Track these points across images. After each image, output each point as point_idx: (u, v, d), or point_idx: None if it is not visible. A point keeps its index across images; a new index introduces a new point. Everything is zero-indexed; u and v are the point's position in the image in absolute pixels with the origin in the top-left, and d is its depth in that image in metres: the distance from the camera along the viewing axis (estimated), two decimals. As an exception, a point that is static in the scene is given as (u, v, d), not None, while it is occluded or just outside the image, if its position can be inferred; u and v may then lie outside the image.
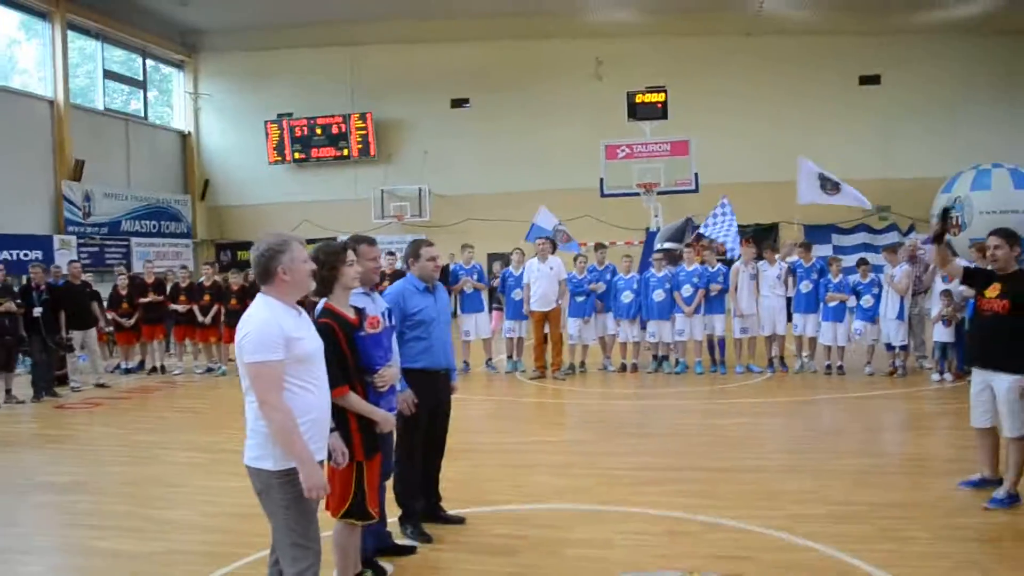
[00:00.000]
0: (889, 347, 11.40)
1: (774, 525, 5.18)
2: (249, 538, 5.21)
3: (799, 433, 8.23)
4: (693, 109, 20.34)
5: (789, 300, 11.98)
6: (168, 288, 13.73)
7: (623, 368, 12.51)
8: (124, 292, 13.46)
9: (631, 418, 9.30)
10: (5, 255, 17.31)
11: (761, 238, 18.58)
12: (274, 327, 3.26)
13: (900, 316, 11.18)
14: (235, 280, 13.50)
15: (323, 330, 3.81)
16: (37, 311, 11.09)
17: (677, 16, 22.64)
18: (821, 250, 18.95)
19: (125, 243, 22.47)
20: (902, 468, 6.73)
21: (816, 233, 21.55)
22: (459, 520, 5.46)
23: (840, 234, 22.46)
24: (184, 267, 16.41)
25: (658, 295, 12.09)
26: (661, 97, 17.10)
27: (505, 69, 24.32)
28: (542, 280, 11.92)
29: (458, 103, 25.14)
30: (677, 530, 5.23)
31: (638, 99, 17.25)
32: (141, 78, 25.05)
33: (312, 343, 3.44)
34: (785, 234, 20.85)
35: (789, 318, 12.04)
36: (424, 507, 5.42)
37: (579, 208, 21.54)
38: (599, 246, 13.32)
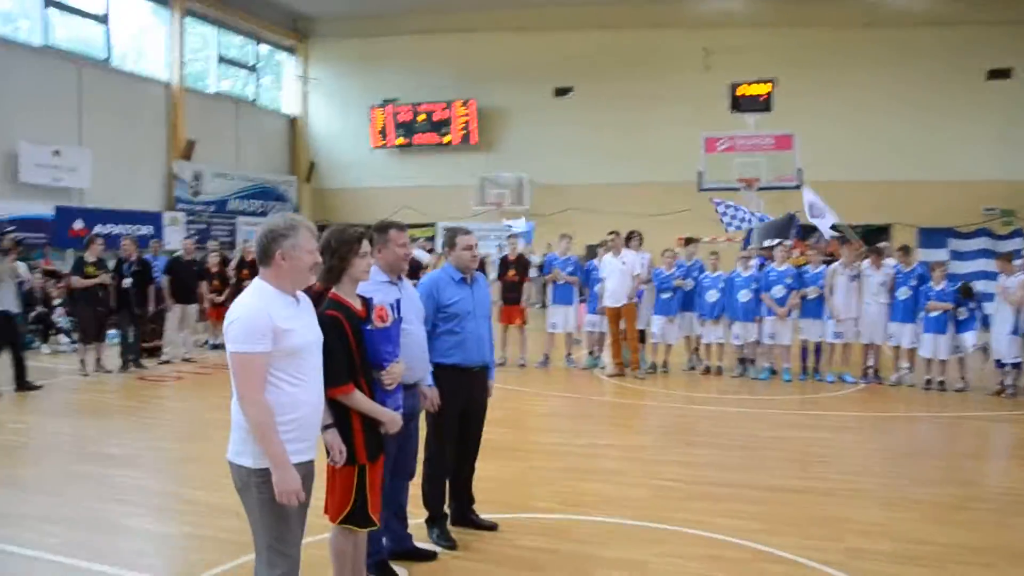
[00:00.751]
0: (999, 364, 10.50)
1: (829, 560, 4.71)
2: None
3: (880, 454, 7.59)
4: (800, 102, 19.34)
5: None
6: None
7: (707, 370, 12.00)
8: (215, 270, 13.79)
9: (701, 425, 8.83)
10: (120, 229, 18.12)
11: (872, 240, 17.59)
12: (262, 317, 3.06)
13: (1015, 331, 10.27)
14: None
15: (329, 322, 3.61)
16: (127, 283, 11.45)
17: (792, 5, 21.62)
18: (936, 255, 17.78)
19: (231, 221, 23.21)
20: (991, 503, 6.05)
21: (932, 236, 20.27)
22: (491, 526, 5.22)
23: (958, 239, 20.97)
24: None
25: (743, 295, 11.51)
26: (766, 89, 16.30)
27: (611, 58, 23.83)
28: (614, 275, 11.58)
29: (562, 92, 24.81)
30: (721, 555, 4.83)
31: (740, 91, 16.49)
32: (253, 63, 25.77)
33: (305, 335, 3.21)
34: (899, 236, 19.67)
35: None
36: (455, 510, 5.21)
37: (677, 202, 20.93)
38: (689, 241, 12.81)
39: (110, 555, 4.77)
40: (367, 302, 3.87)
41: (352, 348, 3.70)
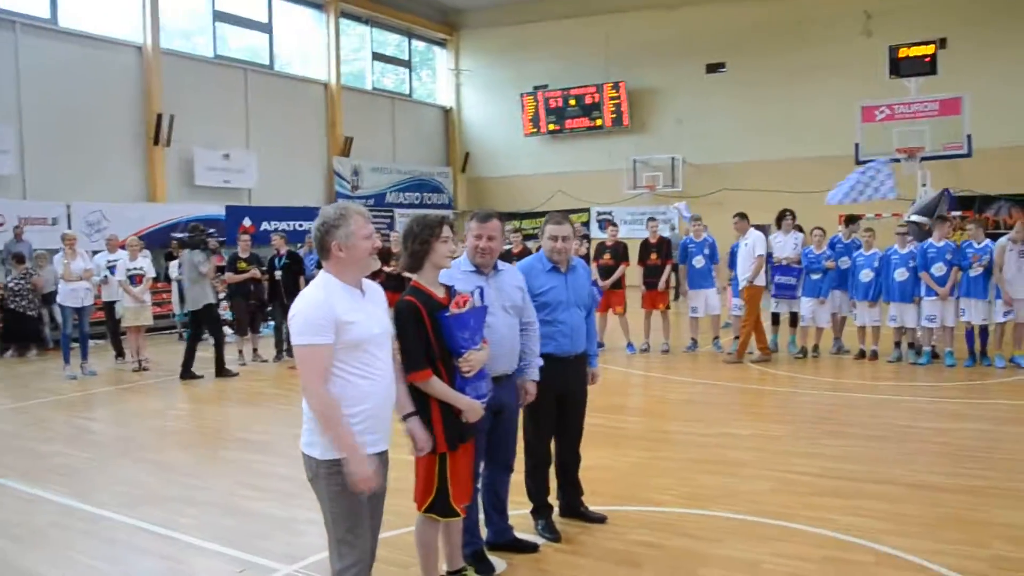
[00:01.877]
0: None
1: (966, 568, 4.30)
2: (386, 516, 5.28)
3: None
4: (968, 64, 17.77)
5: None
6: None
7: (861, 355, 11.30)
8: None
9: (846, 414, 8.29)
10: (284, 225, 19.23)
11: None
12: (324, 309, 3.08)
13: None
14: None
15: (406, 309, 3.67)
16: (277, 275, 12.11)
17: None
18: None
19: (389, 214, 24.07)
20: None
21: None
22: (600, 519, 5.13)
23: None
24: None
25: (900, 274, 10.74)
26: (930, 50, 14.99)
27: (764, 30, 22.78)
28: (739, 257, 11.37)
29: (713, 68, 24.00)
30: (842, 558, 4.52)
31: (901, 53, 15.26)
32: (407, 58, 26.56)
33: (370, 328, 3.19)
34: None
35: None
36: (562, 502, 5.16)
37: (833, 177, 19.77)
38: (850, 220, 12.11)
39: (233, 537, 5.07)
40: (450, 290, 3.87)
41: (428, 335, 3.71)
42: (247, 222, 18.87)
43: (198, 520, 5.36)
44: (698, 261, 12.05)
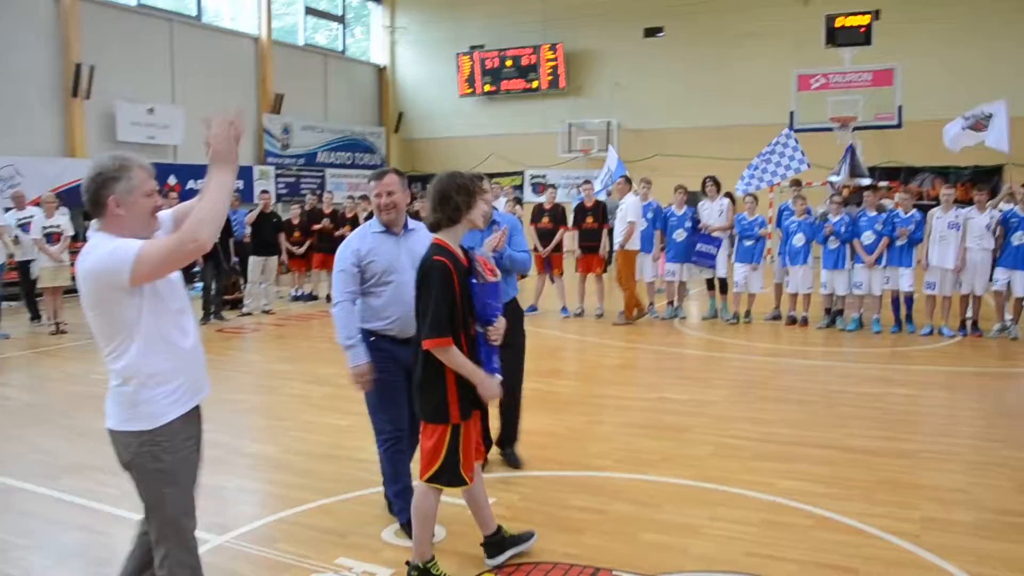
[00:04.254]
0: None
1: (898, 530, 4.38)
2: (321, 483, 5.16)
3: (973, 413, 7.07)
4: (902, 35, 18.04)
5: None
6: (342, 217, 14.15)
7: (791, 321, 11.49)
8: (296, 221, 13.96)
9: (780, 379, 8.43)
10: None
11: (981, 181, 16.49)
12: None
13: None
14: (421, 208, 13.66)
15: (440, 270, 3.46)
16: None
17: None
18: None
19: (320, 174, 23.52)
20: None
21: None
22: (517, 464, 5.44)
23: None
24: (365, 196, 16.69)
25: (832, 243, 10.91)
26: (865, 20, 15.19)
27: (702, -5, 22.79)
28: (618, 220, 11.62)
29: (651, 32, 23.92)
30: (779, 521, 4.55)
31: (838, 23, 15.43)
32: (340, 13, 25.81)
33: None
34: (1012, 177, 18.31)
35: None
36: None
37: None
38: (795, 183, 12.25)
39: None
40: (468, 253, 3.69)
41: (456, 299, 3.51)
42: (172, 180, 18.19)
43: (121, 490, 5.05)
44: (641, 224, 12.02)
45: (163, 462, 2.88)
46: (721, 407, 7.16)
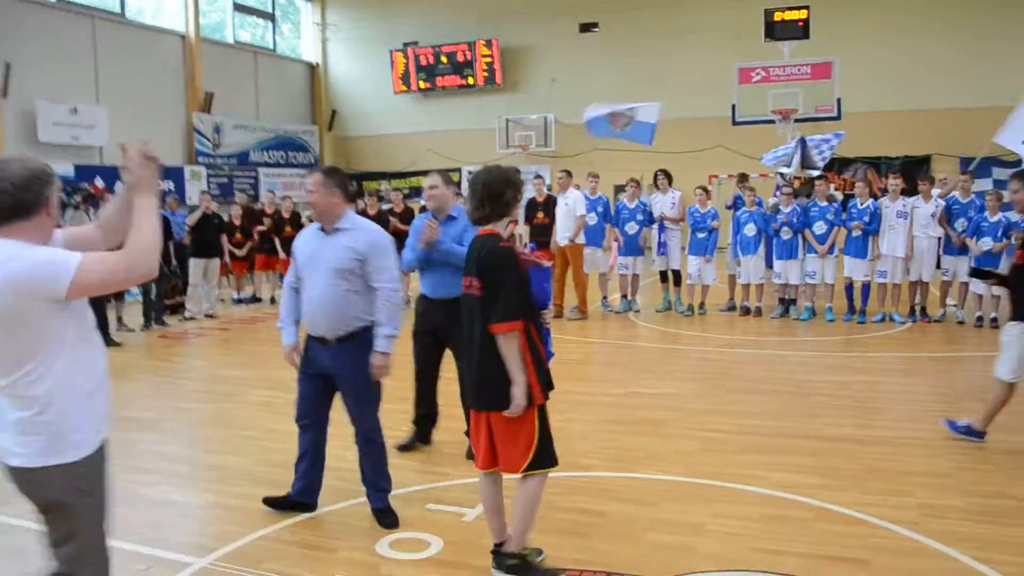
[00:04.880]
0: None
1: (899, 518, 4.36)
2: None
3: (936, 397, 7.17)
4: (837, 30, 18.43)
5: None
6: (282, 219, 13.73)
7: (745, 311, 11.59)
8: (238, 222, 13.51)
9: (744, 370, 8.47)
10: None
11: (911, 172, 16.91)
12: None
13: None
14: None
15: (509, 256, 3.57)
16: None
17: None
18: (980, 185, 17.04)
19: (253, 174, 22.89)
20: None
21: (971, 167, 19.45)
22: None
23: (1003, 167, 20.13)
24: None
25: (785, 232, 11.03)
26: (803, 15, 15.45)
27: (636, -10, 22.91)
28: (560, 215, 11.41)
29: (586, 27, 23.96)
30: (780, 515, 4.49)
31: (776, 17, 15.66)
32: (270, 10, 25.17)
33: None
34: (940, 167, 18.90)
35: (939, 263, 10.75)
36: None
37: (710, 138, 20.31)
38: (743, 177, 12.32)
39: (125, 528, 4.51)
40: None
41: (524, 285, 3.63)
42: (99, 182, 17.43)
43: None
44: (591, 218, 11.92)
45: (93, 496, 2.63)
46: (692, 400, 7.11)
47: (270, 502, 4.62)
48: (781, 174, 12.45)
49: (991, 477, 5.05)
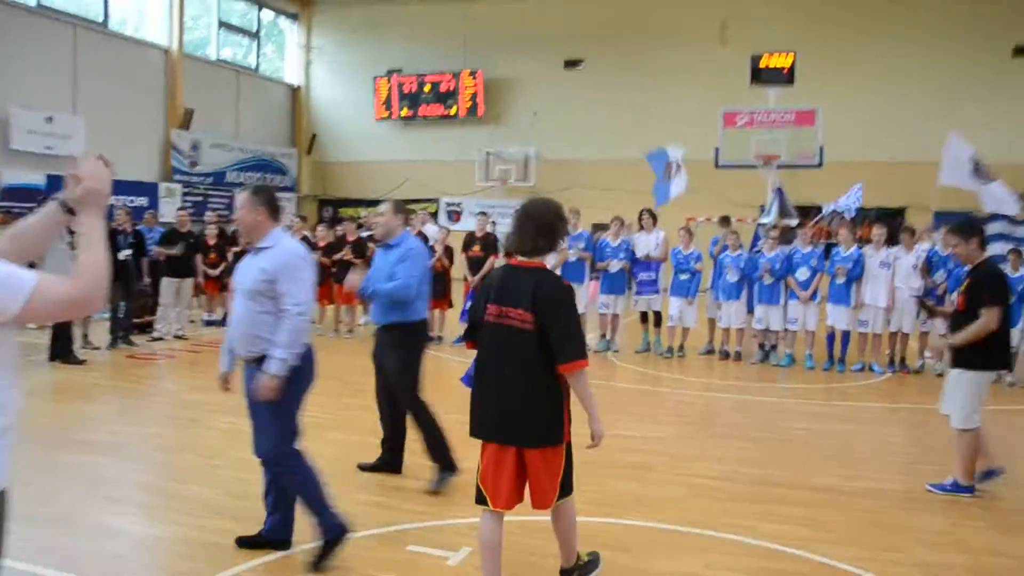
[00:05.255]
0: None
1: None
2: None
3: (920, 449, 7.11)
4: (822, 79, 18.69)
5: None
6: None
7: (724, 355, 11.50)
8: (212, 242, 13.23)
9: (727, 415, 8.36)
10: (113, 200, 17.49)
11: (885, 223, 17.08)
12: None
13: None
14: (323, 235, 13.08)
15: (570, 291, 3.66)
16: (125, 254, 10.91)
17: (813, -24, 20.92)
18: (953, 239, 17.24)
19: (229, 194, 22.55)
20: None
21: (948, 220, 19.60)
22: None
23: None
24: (303, 217, 15.83)
25: (767, 278, 10.99)
26: (788, 61, 15.63)
27: (622, 30, 23.12)
28: None
29: (572, 64, 24.12)
30: (778, 568, 4.34)
31: (763, 63, 15.83)
32: (255, 29, 25.05)
33: None
34: (914, 219, 19.11)
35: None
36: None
37: (693, 181, 20.34)
38: (725, 220, 12.28)
39: (88, 562, 4.25)
40: None
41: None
42: (72, 194, 17.03)
43: (37, 543, 4.41)
44: (572, 253, 11.81)
45: (3, 529, 2.35)
46: (676, 444, 6.96)
47: (244, 542, 4.39)
48: (761, 224, 12.44)
49: (986, 535, 4.94)
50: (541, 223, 3.63)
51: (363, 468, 5.74)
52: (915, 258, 10.59)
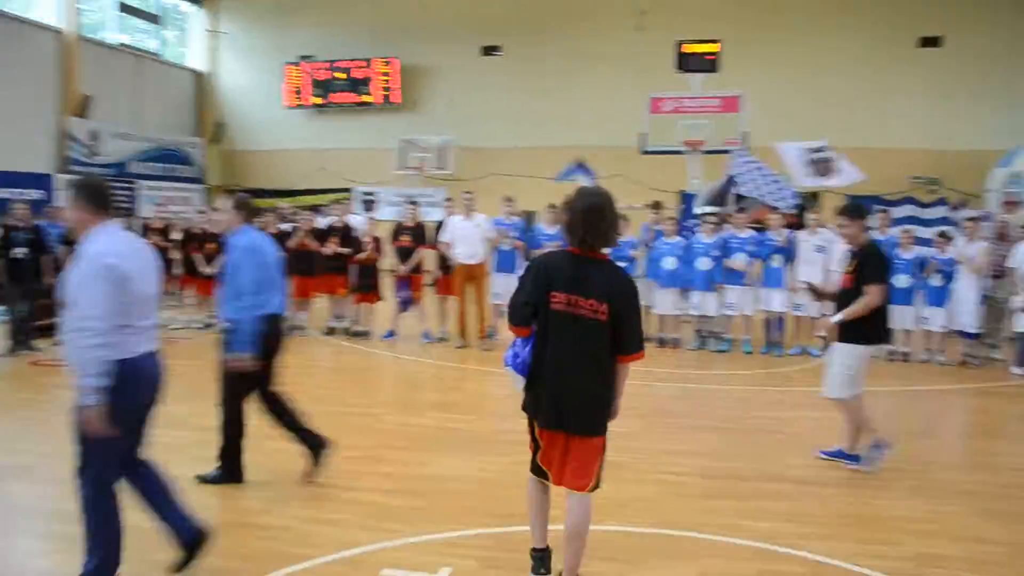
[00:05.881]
0: (964, 334, 10.23)
1: (898, 570, 4.09)
2: (229, 562, 4.18)
3: (884, 434, 7.08)
4: (744, 65, 18.80)
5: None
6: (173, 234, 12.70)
7: (661, 343, 11.37)
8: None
9: (677, 406, 8.18)
10: (5, 193, 16.27)
11: (800, 207, 17.37)
12: None
13: (979, 300, 10.05)
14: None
15: (634, 287, 3.79)
16: (21, 252, 10.04)
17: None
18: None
19: (132, 186, 21.37)
20: (1021, 489, 5.58)
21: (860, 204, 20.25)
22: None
23: (884, 206, 21.05)
24: (207, 211, 14.86)
25: (703, 263, 10.92)
26: (714, 48, 15.66)
27: (540, 15, 22.77)
28: (467, 237, 10.97)
29: (489, 50, 23.71)
30: (777, 570, 4.15)
31: (687, 49, 15.81)
32: (157, 12, 23.74)
33: None
34: (827, 203, 19.53)
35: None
36: None
37: (614, 167, 20.30)
38: (657, 205, 12.12)
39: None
40: None
41: None
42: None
43: None
44: (507, 243, 11.47)
45: None
46: (642, 439, 6.72)
47: (178, 567, 3.99)
48: (712, 213, 12.34)
49: (970, 521, 4.89)
50: (613, 217, 3.72)
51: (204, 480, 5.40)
52: (848, 242, 10.68)
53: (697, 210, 12.94)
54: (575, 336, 3.62)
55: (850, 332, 5.86)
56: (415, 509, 4.97)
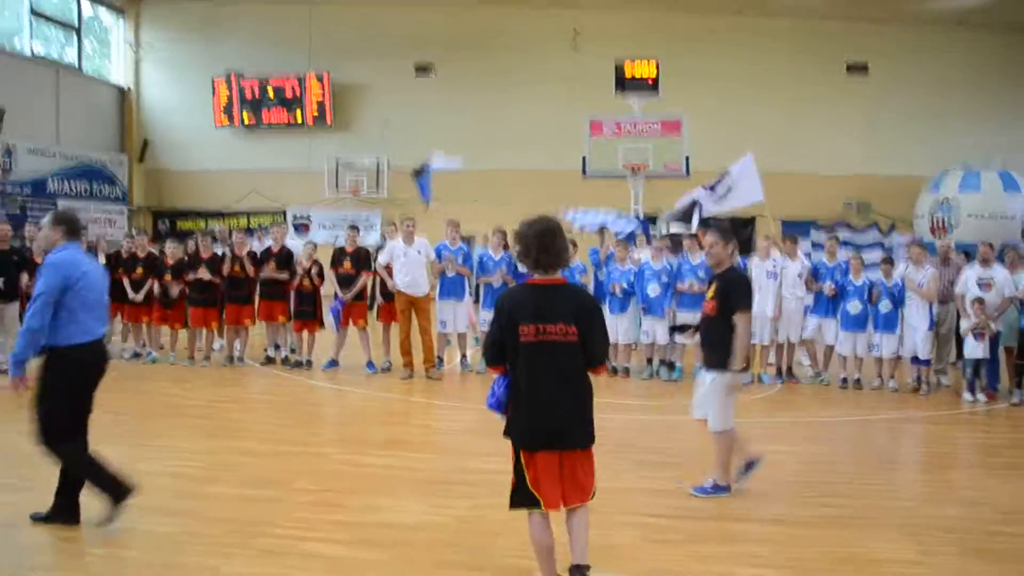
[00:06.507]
0: (915, 360, 10.26)
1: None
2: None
3: (852, 467, 6.91)
4: (680, 89, 18.91)
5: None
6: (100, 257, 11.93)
7: (613, 372, 11.10)
8: (40, 260, 11.56)
9: (640, 439, 7.87)
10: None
11: (737, 233, 17.47)
12: None
13: (930, 326, 10.10)
14: (173, 252, 11.74)
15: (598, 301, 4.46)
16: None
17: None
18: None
19: (52, 205, 20.24)
20: (1007, 525, 5.44)
21: (794, 229, 20.33)
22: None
23: (819, 230, 21.42)
24: (135, 235, 13.92)
25: (653, 289, 10.74)
26: (652, 71, 15.65)
27: (473, 35, 22.60)
28: (409, 264, 10.61)
29: (422, 70, 23.37)
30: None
31: (627, 71, 15.76)
32: (75, 23, 22.71)
33: None
34: (763, 228, 19.73)
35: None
36: None
37: (557, 191, 20.12)
38: (603, 230, 11.93)
39: None
40: None
41: None
42: None
43: None
44: (449, 269, 11.13)
45: None
46: (609, 477, 6.32)
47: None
48: (676, 233, 12.14)
49: (957, 562, 4.72)
50: (562, 239, 3.94)
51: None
52: (800, 267, 10.65)
53: (664, 230, 12.75)
54: (550, 361, 3.81)
55: (718, 358, 5.74)
56: (380, 564, 4.55)
